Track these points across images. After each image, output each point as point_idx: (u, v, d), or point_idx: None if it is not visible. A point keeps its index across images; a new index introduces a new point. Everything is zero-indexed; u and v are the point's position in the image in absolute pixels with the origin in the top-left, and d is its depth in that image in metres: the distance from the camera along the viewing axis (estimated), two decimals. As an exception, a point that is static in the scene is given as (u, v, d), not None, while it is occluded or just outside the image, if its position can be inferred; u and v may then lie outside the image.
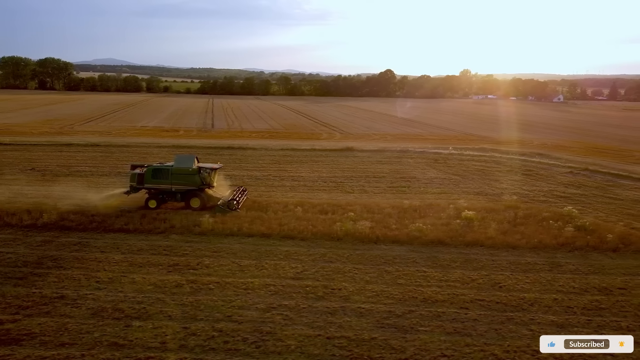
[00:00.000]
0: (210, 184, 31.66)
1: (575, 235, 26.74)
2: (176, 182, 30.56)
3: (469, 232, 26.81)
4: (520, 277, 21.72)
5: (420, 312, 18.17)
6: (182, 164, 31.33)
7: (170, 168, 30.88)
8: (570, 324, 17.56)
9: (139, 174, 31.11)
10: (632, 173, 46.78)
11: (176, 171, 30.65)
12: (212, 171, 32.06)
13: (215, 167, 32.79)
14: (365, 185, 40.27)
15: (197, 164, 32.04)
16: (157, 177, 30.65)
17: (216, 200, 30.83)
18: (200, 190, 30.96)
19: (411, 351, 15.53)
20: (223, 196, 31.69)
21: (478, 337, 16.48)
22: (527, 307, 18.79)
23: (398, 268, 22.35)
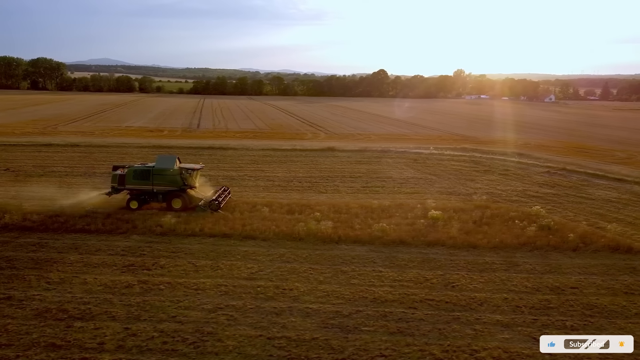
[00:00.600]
0: (192, 184, 31.52)
1: (538, 234, 26.82)
2: (158, 183, 30.44)
3: (432, 232, 26.83)
4: (475, 276, 21.74)
5: (368, 312, 18.15)
6: (164, 164, 31.19)
7: (151, 169, 30.74)
8: (516, 324, 17.58)
9: (120, 175, 30.97)
10: (608, 173, 46.95)
11: (157, 172, 30.52)
12: (194, 172, 31.92)
13: (197, 168, 32.67)
14: (340, 185, 40.26)
15: (179, 164, 31.87)
16: (139, 178, 30.51)
17: (198, 201, 30.71)
18: (181, 191, 30.82)
19: (350, 351, 15.51)
20: (205, 196, 31.56)
21: (420, 337, 16.48)
22: (475, 307, 18.81)
23: (354, 268, 22.34)
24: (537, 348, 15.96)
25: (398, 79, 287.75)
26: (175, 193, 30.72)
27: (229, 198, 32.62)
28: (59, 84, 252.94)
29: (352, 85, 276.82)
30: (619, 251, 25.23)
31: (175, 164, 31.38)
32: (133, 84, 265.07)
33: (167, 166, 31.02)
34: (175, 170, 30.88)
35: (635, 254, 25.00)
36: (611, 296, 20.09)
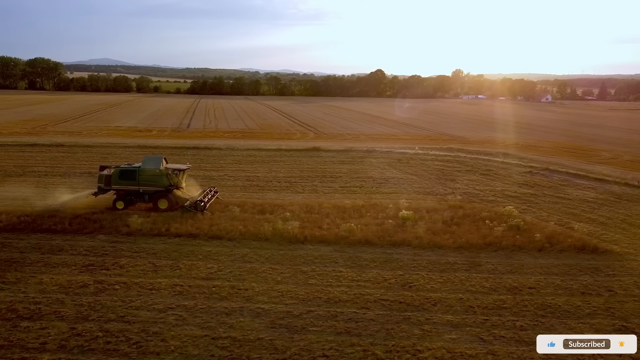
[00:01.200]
0: (178, 184, 31.45)
1: (505, 234, 26.79)
2: (144, 183, 30.38)
3: (399, 232, 26.79)
4: (434, 277, 21.71)
5: (319, 312, 18.14)
6: (150, 165, 31.14)
7: (137, 169, 30.69)
8: (466, 324, 17.56)
9: (107, 175, 30.92)
10: (590, 173, 46.88)
11: (144, 172, 30.47)
12: (180, 172, 31.82)
13: (183, 168, 32.58)
14: (319, 185, 40.23)
15: (165, 165, 31.81)
16: (125, 179, 30.46)
17: (184, 201, 30.62)
18: (168, 191, 30.76)
19: (292, 351, 15.49)
20: (192, 197, 31.48)
21: (366, 337, 16.46)
22: (428, 307, 18.78)
23: (315, 268, 22.32)
24: (482, 348, 15.96)
25: (395, 78, 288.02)
26: (162, 193, 30.66)
27: (216, 198, 32.59)
28: (56, 84, 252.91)
29: (350, 85, 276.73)
30: (585, 251, 25.19)
31: (161, 165, 31.32)
32: (130, 84, 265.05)
33: (153, 167, 30.97)
34: (162, 171, 30.81)
35: (600, 254, 24.97)
36: (567, 296, 20.06)
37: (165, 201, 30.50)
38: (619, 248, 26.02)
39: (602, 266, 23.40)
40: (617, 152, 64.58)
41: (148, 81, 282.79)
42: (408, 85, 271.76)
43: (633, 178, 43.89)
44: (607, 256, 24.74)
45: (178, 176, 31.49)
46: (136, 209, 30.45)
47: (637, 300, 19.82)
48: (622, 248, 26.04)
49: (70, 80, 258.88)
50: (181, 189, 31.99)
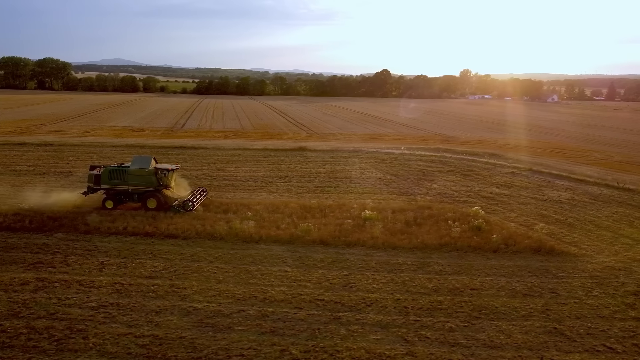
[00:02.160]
0: (167, 184, 31.62)
1: (463, 235, 26.62)
2: (133, 183, 30.61)
3: (356, 233, 26.73)
4: (379, 277, 21.63)
5: (250, 311, 18.16)
6: (139, 165, 31.36)
7: (126, 169, 30.92)
8: (395, 325, 17.48)
9: (96, 175, 31.15)
10: (573, 174, 46.36)
11: (133, 172, 30.70)
12: (169, 172, 31.96)
13: (172, 168, 32.74)
14: (294, 185, 40.24)
15: (155, 165, 31.98)
16: (114, 178, 30.72)
17: (173, 201, 30.82)
18: (157, 191, 30.92)
19: (210, 350, 15.53)
20: (181, 197, 31.64)
21: (289, 337, 16.45)
22: (362, 308, 18.72)
23: (261, 268, 22.35)
24: (403, 349, 15.88)
25: (401, 78, 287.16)
26: (151, 193, 30.81)
27: (206, 198, 32.73)
28: (65, 83, 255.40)
29: (355, 85, 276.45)
30: (540, 253, 24.98)
31: (150, 165, 31.49)
32: (137, 83, 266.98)
33: (142, 166, 31.16)
34: (150, 171, 30.98)
35: (555, 256, 24.75)
36: (507, 298, 19.89)
37: (154, 201, 30.64)
38: (578, 250, 25.74)
39: (554, 268, 23.16)
40: (608, 153, 63.86)
41: (155, 81, 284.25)
42: (414, 85, 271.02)
43: (614, 179, 43.36)
44: (562, 258, 24.49)
45: (167, 176, 31.63)
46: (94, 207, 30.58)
47: (577, 302, 19.59)
48: (580, 250, 25.77)
49: (79, 80, 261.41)
50: (170, 188, 32.11)
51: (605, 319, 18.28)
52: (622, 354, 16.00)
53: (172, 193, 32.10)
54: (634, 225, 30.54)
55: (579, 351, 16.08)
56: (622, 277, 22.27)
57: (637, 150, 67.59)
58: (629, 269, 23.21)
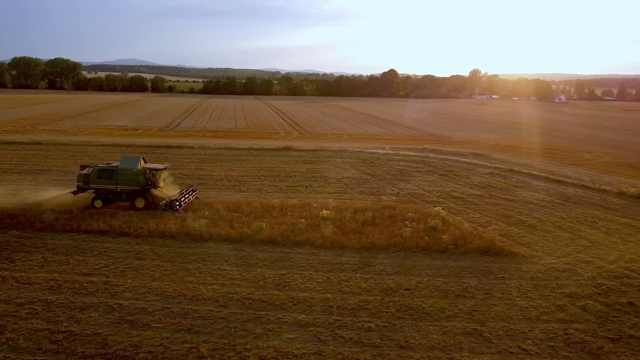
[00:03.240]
0: (155, 184, 31.88)
1: (414, 236, 26.52)
2: (121, 183, 30.92)
3: (307, 232, 26.76)
4: (316, 276, 21.65)
5: (174, 309, 18.29)
6: (127, 164, 31.68)
7: (115, 168, 31.27)
8: (314, 324, 17.49)
9: (85, 174, 31.52)
10: (552, 174, 45.89)
11: (121, 172, 31.02)
12: (157, 171, 32.22)
13: (160, 168, 33.02)
14: (266, 185, 40.34)
15: (143, 164, 32.29)
16: (103, 178, 31.05)
17: (161, 200, 31.12)
18: (145, 191, 31.21)
19: (119, 347, 15.68)
20: (169, 196, 31.91)
21: (203, 335, 16.55)
22: (288, 307, 18.75)
23: (201, 266, 22.49)
24: (312, 348, 15.89)
25: (408, 78, 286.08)
26: (139, 192, 31.11)
27: (195, 197, 33.02)
28: (75, 83, 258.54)
29: (362, 85, 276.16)
30: (488, 253, 24.81)
31: (138, 164, 31.79)
32: (146, 83, 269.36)
33: (130, 166, 31.47)
34: (139, 170, 31.27)
35: (504, 256, 24.58)
36: (438, 298, 19.80)
37: (142, 200, 30.95)
38: (529, 251, 25.53)
39: (497, 269, 22.99)
40: (599, 154, 63.14)
41: (163, 81, 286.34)
42: (421, 85, 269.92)
43: (592, 180, 42.85)
44: (509, 259, 24.30)
45: (155, 175, 31.86)
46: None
47: (508, 303, 19.44)
48: (531, 251, 25.54)
49: (88, 80, 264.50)
50: (159, 188, 32.35)
51: (530, 320, 18.12)
52: (534, 355, 15.86)
53: (161, 192, 32.35)
54: (596, 226, 30.19)
55: (491, 352, 15.97)
56: (564, 278, 22.04)
57: (630, 151, 66.74)
58: (573, 270, 22.96)
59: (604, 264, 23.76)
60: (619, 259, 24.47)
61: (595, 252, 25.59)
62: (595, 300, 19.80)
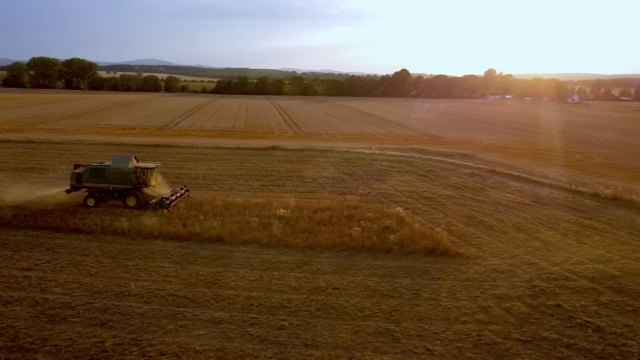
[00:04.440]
0: (146, 182, 32.36)
1: (363, 235, 26.49)
2: (113, 181, 31.46)
3: (257, 231, 26.92)
4: (251, 275, 21.80)
5: (96, 304, 18.61)
6: (119, 163, 32.26)
7: (107, 168, 31.86)
8: (228, 321, 17.64)
9: (78, 173, 32.10)
10: (533, 175, 45.31)
11: (113, 171, 31.57)
12: (148, 170, 32.65)
13: (152, 167, 33.48)
14: (240, 184, 40.60)
15: (135, 163, 32.83)
16: (95, 177, 31.63)
17: (152, 199, 31.62)
18: (136, 189, 31.72)
19: (29, 340, 16.01)
20: (160, 195, 32.35)
21: (115, 330, 16.82)
22: (209, 304, 18.92)
23: (140, 263, 22.81)
24: (217, 345, 16.03)
25: (420, 78, 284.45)
26: (130, 191, 31.60)
27: (186, 196, 33.50)
28: (90, 83, 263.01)
29: (374, 85, 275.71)
30: (433, 254, 24.67)
31: (130, 163, 32.33)
32: (159, 83, 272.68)
33: (122, 165, 32.02)
34: (130, 169, 31.78)
35: (448, 257, 24.42)
36: (363, 298, 19.80)
37: (134, 199, 31.42)
38: (476, 252, 25.33)
39: (436, 269, 22.87)
40: (592, 155, 62.18)
41: (176, 81, 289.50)
42: (433, 85, 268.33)
43: (570, 181, 42.19)
44: (453, 259, 24.14)
45: (146, 174, 32.31)
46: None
47: (432, 304, 19.33)
48: (480, 252, 25.34)
49: (104, 80, 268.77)
50: (150, 186, 32.82)
51: (448, 321, 18.01)
52: (437, 356, 15.79)
53: (152, 191, 32.75)
54: (556, 228, 29.79)
55: (395, 352, 15.94)
56: (500, 280, 21.84)
57: (626, 152, 65.54)
58: (513, 272, 22.73)
59: (547, 266, 23.47)
60: (565, 261, 24.13)
61: (544, 253, 25.28)
62: (522, 302, 19.59)
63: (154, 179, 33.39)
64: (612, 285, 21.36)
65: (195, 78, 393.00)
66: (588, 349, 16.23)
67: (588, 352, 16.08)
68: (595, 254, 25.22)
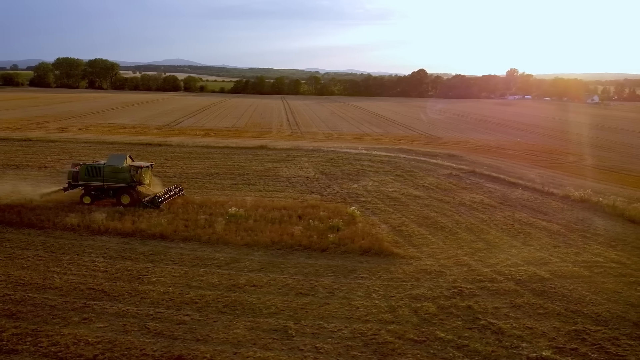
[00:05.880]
0: (140, 181, 33.27)
1: (302, 234, 26.65)
2: (108, 180, 32.45)
3: (201, 228, 27.33)
4: (176, 271, 22.18)
5: (14, 296, 19.18)
6: (114, 162, 33.29)
7: (102, 166, 32.90)
8: (133, 315, 18.01)
9: (75, 172, 33.23)
10: (511, 176, 44.63)
11: (108, 169, 32.57)
12: (141, 169, 33.58)
13: (145, 165, 34.45)
14: (212, 182, 41.12)
15: (130, 162, 33.79)
16: (91, 175, 32.63)
17: (145, 197, 32.53)
18: (130, 187, 32.62)
19: None
20: (155, 193, 33.14)
21: (19, 320, 17.34)
22: (123, 298, 19.33)
23: (75, 257, 23.45)
24: (111, 337, 16.40)
25: (438, 78, 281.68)
26: (124, 189, 32.51)
27: (179, 195, 34.25)
28: (113, 83, 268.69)
29: (390, 85, 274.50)
30: (368, 253, 24.69)
31: (124, 162, 33.28)
32: (179, 83, 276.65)
33: (116, 164, 33.01)
34: (124, 168, 32.72)
35: (383, 257, 24.39)
36: (278, 295, 19.95)
37: (128, 197, 32.29)
38: (415, 252, 25.22)
39: (363, 269, 22.88)
40: (586, 156, 60.94)
41: (195, 80, 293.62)
42: (450, 85, 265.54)
43: (546, 183, 41.42)
44: (386, 259, 24.10)
45: (139, 173, 33.22)
46: None
47: (342, 303, 19.32)
48: (417, 252, 25.22)
49: (125, 80, 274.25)
50: (144, 185, 33.71)
51: (350, 320, 18.05)
52: (321, 353, 15.85)
53: (147, 189, 33.55)
54: (508, 229, 29.41)
55: (282, 349, 16.06)
56: (424, 280, 21.74)
57: (624, 155, 63.89)
58: (442, 272, 22.59)
59: (479, 267, 23.25)
60: (500, 263, 23.86)
61: (483, 255, 25.03)
62: (434, 303, 19.49)
63: (148, 178, 34.15)
64: (535, 288, 21.05)
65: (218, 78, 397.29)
66: (477, 351, 16.10)
67: (476, 354, 15.96)
68: (535, 256, 24.86)
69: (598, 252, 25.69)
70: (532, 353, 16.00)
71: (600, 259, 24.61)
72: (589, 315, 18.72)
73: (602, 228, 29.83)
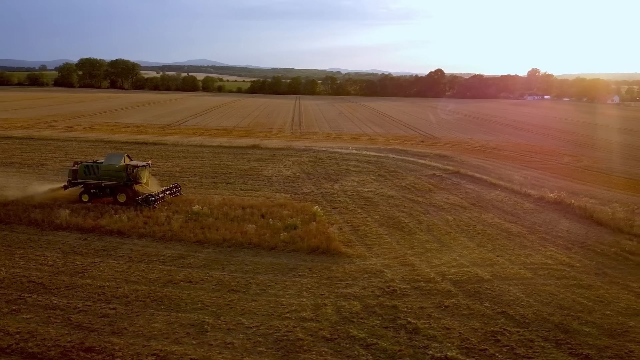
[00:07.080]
0: (137, 179, 34.15)
1: (257, 232, 26.96)
2: (105, 178, 33.46)
3: (158, 225, 27.88)
4: (120, 266, 22.71)
5: (-45, 288, 20.05)
6: (111, 161, 34.32)
7: (100, 165, 33.96)
8: (64, 308, 18.50)
9: (74, 170, 34.36)
10: (493, 177, 44.08)
11: (105, 168, 33.60)
12: (138, 168, 34.42)
13: (142, 165, 35.33)
14: (193, 181, 41.73)
15: (127, 161, 34.75)
16: (89, 173, 33.68)
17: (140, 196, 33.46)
18: (127, 186, 33.58)
19: None
20: (151, 192, 34.00)
21: (-49, 311, 18.14)
22: (58, 292, 19.89)
23: (28, 251, 24.20)
24: (41, 330, 16.98)
25: (455, 78, 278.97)
26: (121, 187, 33.49)
27: (177, 195, 35.16)
28: (133, 83, 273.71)
29: (407, 85, 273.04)
30: (315, 252, 24.84)
31: (121, 161, 34.28)
32: (197, 83, 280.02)
33: (113, 163, 34.03)
34: (121, 167, 33.70)
35: (330, 256, 24.53)
36: (209, 292, 20.25)
37: (124, 195, 33.21)
38: (363, 252, 25.29)
39: (304, 267, 23.06)
40: (583, 158, 59.73)
41: (213, 80, 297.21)
42: (467, 85, 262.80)
43: (526, 184, 40.84)
44: (331, 258, 24.22)
45: (135, 172, 34.07)
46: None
47: (269, 301, 19.52)
48: (365, 252, 25.28)
49: (145, 80, 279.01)
50: (141, 183, 34.53)
51: (271, 317, 18.23)
52: (229, 348, 16.08)
53: (143, 188, 34.34)
54: (469, 230, 29.18)
55: (191, 343, 16.37)
56: (361, 279, 21.80)
57: (623, 156, 62.41)
58: (382, 272, 22.60)
59: (422, 268, 23.20)
60: (444, 264, 23.75)
61: (431, 255, 24.96)
62: (361, 302, 19.56)
63: (145, 177, 34.88)
64: (470, 289, 20.93)
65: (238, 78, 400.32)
66: (384, 350, 16.14)
67: (382, 352, 16.01)
68: (484, 258, 24.67)
69: (551, 254, 25.35)
70: (438, 353, 15.97)
71: (550, 262, 24.29)
72: (512, 317, 18.56)
73: (565, 230, 29.39)
